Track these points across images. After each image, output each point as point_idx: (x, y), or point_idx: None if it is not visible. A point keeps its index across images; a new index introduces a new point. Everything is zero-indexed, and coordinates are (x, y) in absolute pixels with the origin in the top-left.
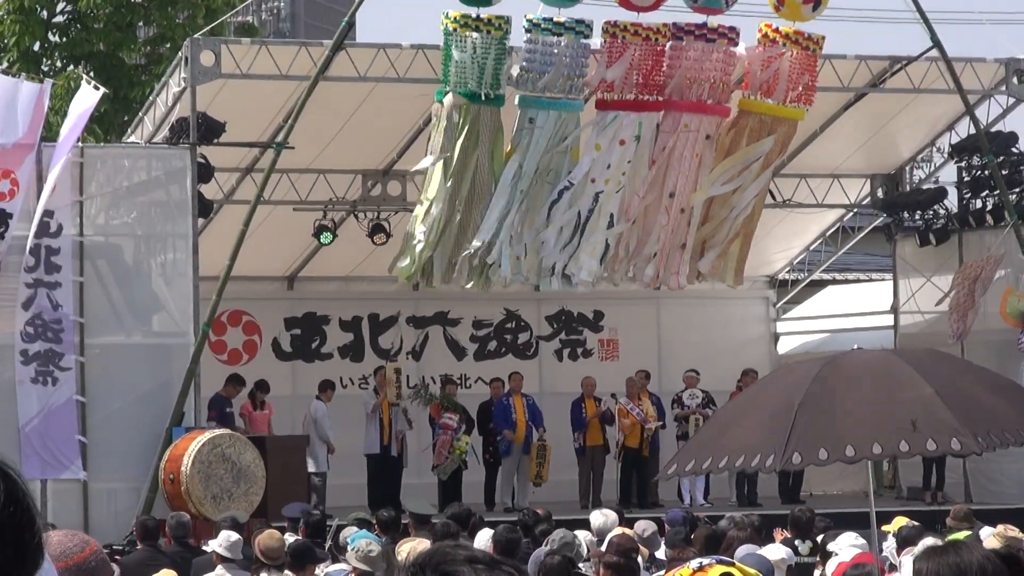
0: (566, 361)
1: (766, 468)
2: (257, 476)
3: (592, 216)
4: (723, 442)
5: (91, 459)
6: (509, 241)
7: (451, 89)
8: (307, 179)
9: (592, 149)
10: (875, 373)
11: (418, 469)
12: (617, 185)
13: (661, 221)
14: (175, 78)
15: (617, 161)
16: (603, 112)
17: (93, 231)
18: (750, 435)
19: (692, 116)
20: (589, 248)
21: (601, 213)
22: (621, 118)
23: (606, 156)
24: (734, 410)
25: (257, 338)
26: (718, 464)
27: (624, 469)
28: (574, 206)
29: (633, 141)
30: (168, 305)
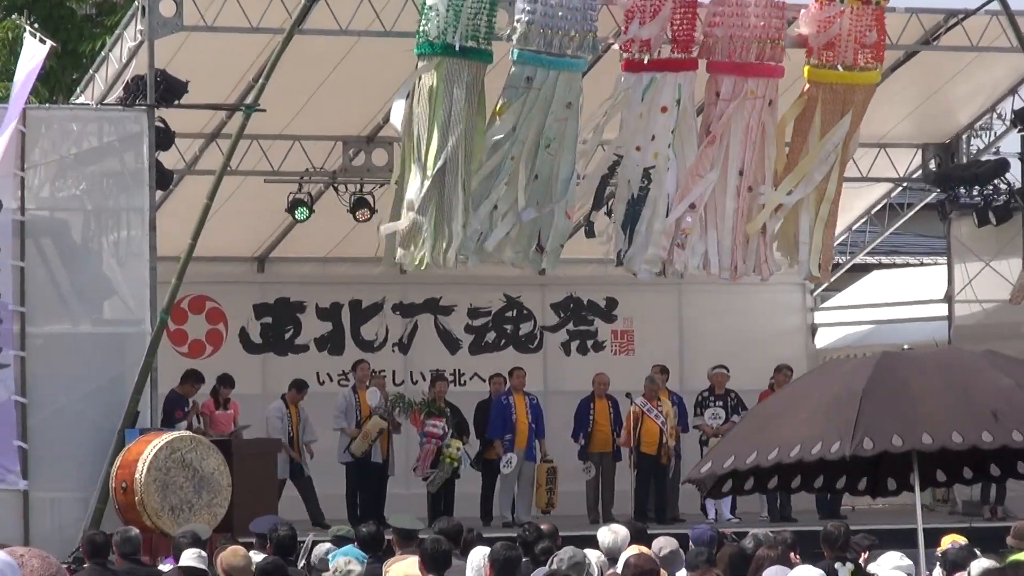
0: (574, 355)
1: (832, 454)
2: (222, 485)
3: (648, 197)
4: (769, 435)
5: (32, 466)
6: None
7: (428, 39)
8: (280, 146)
9: (635, 118)
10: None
11: (405, 478)
12: (666, 160)
13: (732, 205)
14: (130, 31)
15: (661, 131)
16: (635, 74)
17: (36, 205)
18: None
19: (757, 80)
20: (652, 236)
21: (659, 194)
22: (658, 81)
23: (649, 125)
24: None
25: (223, 327)
26: (766, 456)
27: (640, 479)
28: (627, 182)
29: (674, 106)
30: (121, 289)
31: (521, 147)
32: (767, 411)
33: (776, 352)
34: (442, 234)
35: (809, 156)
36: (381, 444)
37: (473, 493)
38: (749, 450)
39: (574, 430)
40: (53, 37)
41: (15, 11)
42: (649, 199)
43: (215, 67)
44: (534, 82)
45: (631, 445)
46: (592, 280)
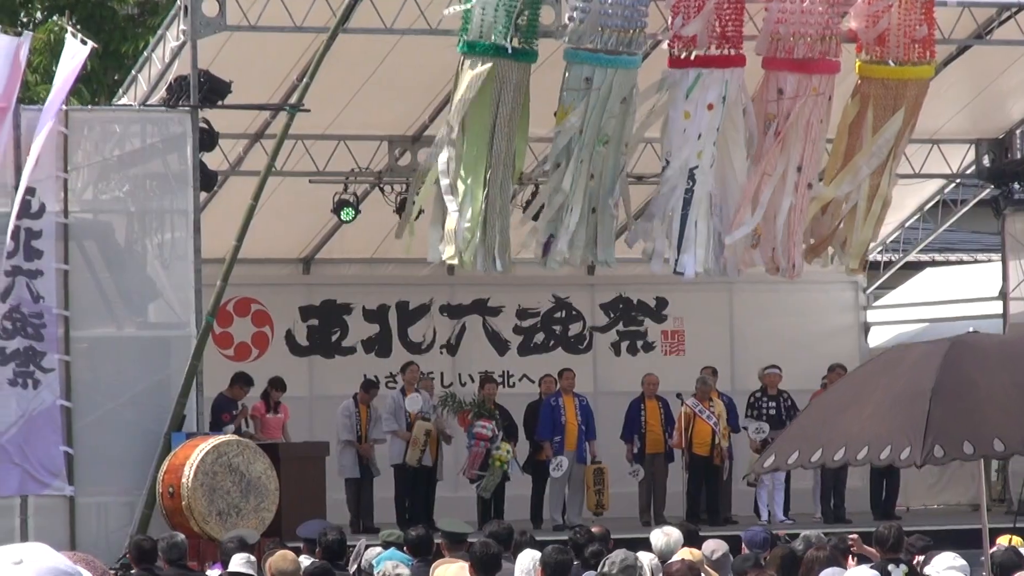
0: (624, 355)
1: (902, 462)
2: (269, 489)
3: (693, 198)
4: (834, 431)
5: (78, 471)
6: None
7: (475, 38)
8: (325, 146)
9: (681, 118)
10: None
11: (454, 481)
12: (710, 158)
13: (789, 202)
14: (173, 31)
15: (707, 129)
16: (680, 71)
17: (79, 208)
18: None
19: (820, 77)
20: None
21: (703, 194)
22: (704, 78)
23: (695, 124)
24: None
25: (268, 330)
26: (832, 456)
27: (692, 480)
28: (676, 187)
29: (720, 104)
30: (166, 292)
31: (588, 150)
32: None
33: (828, 351)
34: (490, 235)
35: (862, 152)
36: (430, 448)
37: (523, 495)
38: (814, 447)
39: (625, 431)
40: (95, 38)
41: (57, 12)
42: (694, 200)
43: (258, 67)
44: (593, 82)
45: (683, 446)
46: (642, 280)
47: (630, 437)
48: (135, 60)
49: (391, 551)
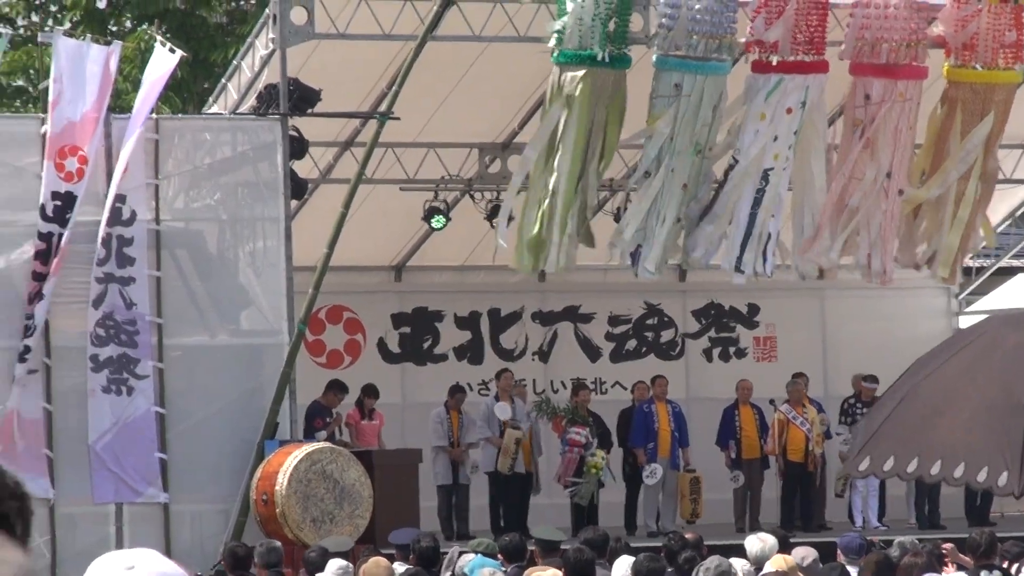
0: (716, 362)
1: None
2: (363, 496)
3: (764, 199)
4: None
5: (172, 478)
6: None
7: (570, 48)
8: (415, 154)
9: (756, 119)
10: None
11: (547, 487)
12: (785, 161)
13: (881, 206)
14: (262, 39)
15: (784, 132)
16: (762, 76)
17: (171, 216)
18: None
19: (907, 83)
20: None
21: (774, 196)
22: (785, 82)
23: (772, 127)
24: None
25: (360, 337)
26: (928, 469)
27: (786, 487)
28: (742, 186)
29: (799, 108)
30: (258, 300)
31: (681, 157)
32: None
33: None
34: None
35: (950, 157)
36: (524, 455)
37: (617, 502)
38: (910, 455)
39: (719, 437)
40: (185, 47)
41: (146, 21)
42: (765, 200)
43: (348, 74)
44: (683, 88)
45: (777, 453)
46: (734, 286)
47: (726, 443)
48: (225, 68)
49: (477, 559)
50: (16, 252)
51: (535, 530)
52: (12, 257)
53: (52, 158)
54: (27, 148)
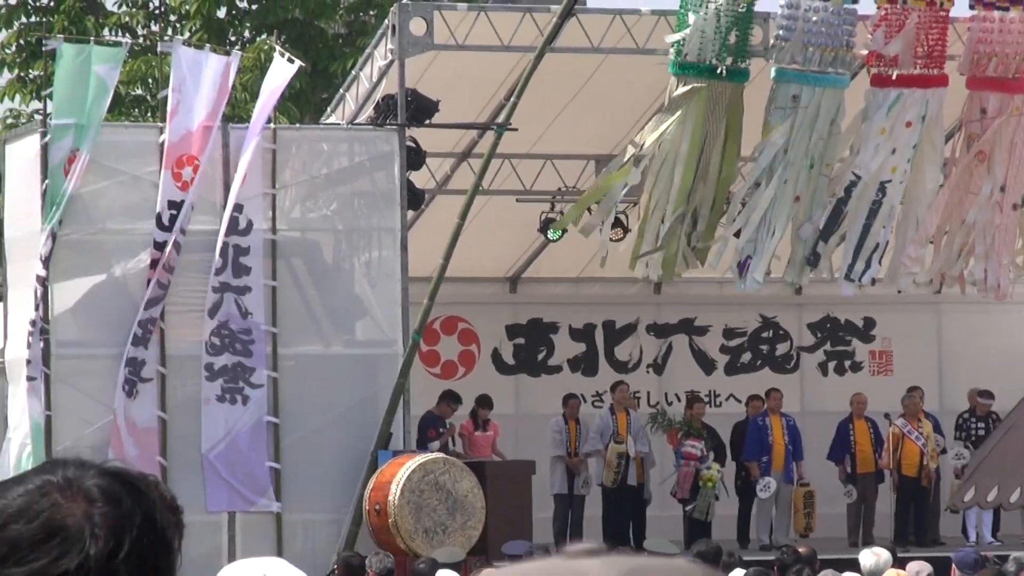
0: (831, 375)
1: None
2: (476, 507)
3: (880, 211)
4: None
5: (285, 488)
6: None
7: (688, 60)
8: (532, 165)
9: (876, 134)
10: None
11: (660, 500)
12: (902, 174)
13: (995, 220)
14: (381, 50)
15: (903, 146)
16: (881, 90)
17: (287, 226)
18: None
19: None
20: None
21: (890, 208)
22: (905, 96)
23: (891, 140)
24: None
25: (475, 348)
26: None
27: (900, 501)
28: (861, 200)
29: (919, 122)
30: (373, 310)
31: (795, 169)
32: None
33: None
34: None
35: None
36: (636, 469)
37: (730, 515)
38: (1013, 484)
39: (833, 452)
40: (303, 57)
41: (265, 31)
42: (880, 212)
43: (466, 85)
44: (801, 100)
45: (892, 467)
46: (850, 299)
47: (840, 457)
48: (343, 79)
49: None
50: (133, 261)
51: (648, 542)
52: (128, 266)
53: (169, 167)
54: (145, 157)
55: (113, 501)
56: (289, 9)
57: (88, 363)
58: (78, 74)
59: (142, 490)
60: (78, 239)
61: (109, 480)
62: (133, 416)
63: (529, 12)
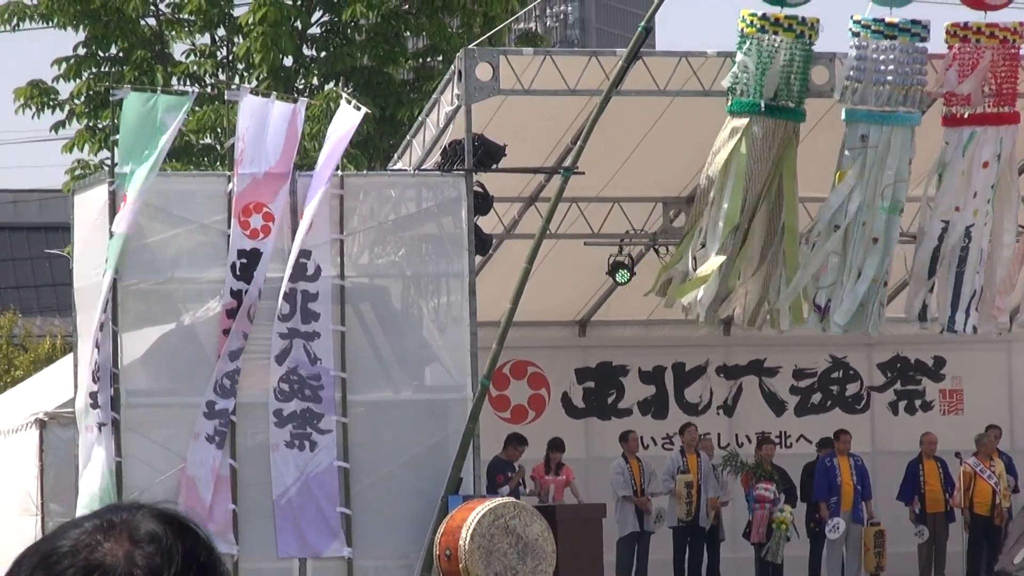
0: (902, 415)
1: None
2: (546, 551)
3: (969, 257)
4: None
5: (356, 533)
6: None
7: (738, 97)
8: (599, 208)
9: (957, 175)
10: None
11: (732, 541)
12: (985, 215)
13: None
14: (447, 95)
15: (982, 187)
16: (955, 130)
17: (355, 272)
18: None
19: None
20: (969, 293)
21: (979, 251)
22: (979, 135)
23: (971, 182)
24: None
25: (545, 392)
26: None
27: (972, 541)
28: (950, 246)
29: (995, 162)
30: (442, 355)
31: (869, 211)
32: None
33: None
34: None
35: None
36: (707, 509)
37: (801, 556)
38: None
39: (903, 492)
40: (371, 104)
41: (333, 79)
42: (970, 258)
43: (532, 130)
44: (869, 140)
45: (964, 506)
46: (919, 339)
47: (909, 497)
48: (411, 125)
49: None
50: (202, 309)
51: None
52: (197, 314)
53: (237, 215)
54: (213, 206)
55: (155, 541)
56: (356, 56)
57: (158, 412)
58: (144, 122)
59: (188, 530)
60: (146, 288)
61: (156, 521)
62: (216, 464)
63: (595, 55)
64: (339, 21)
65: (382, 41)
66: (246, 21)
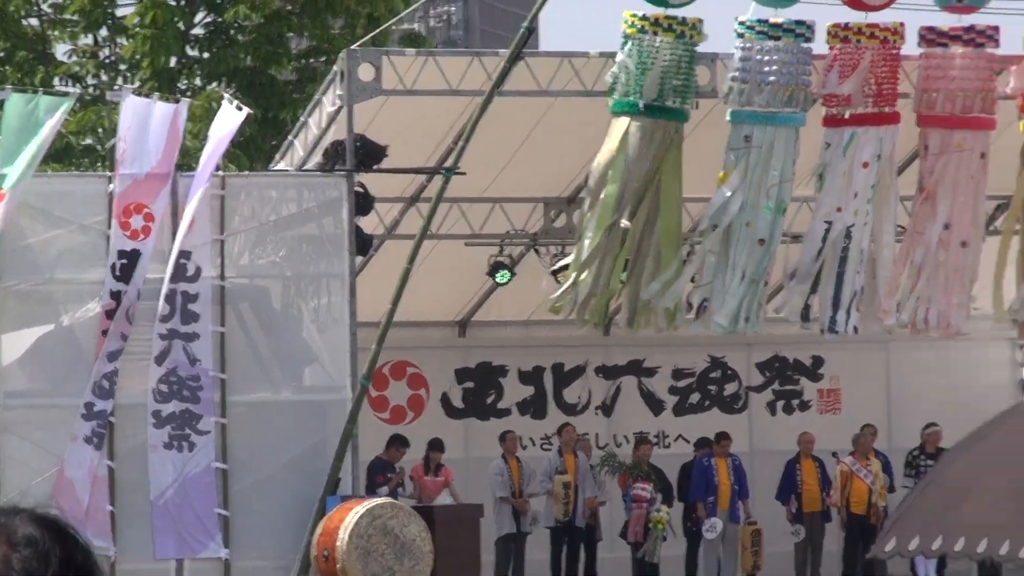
0: (780, 415)
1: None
2: (424, 552)
3: (849, 257)
4: (955, 517)
5: (233, 534)
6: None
7: (618, 98)
8: (480, 209)
9: (838, 176)
10: None
11: (609, 541)
12: (865, 215)
13: (939, 258)
14: (329, 96)
15: (862, 187)
16: (836, 130)
17: (235, 273)
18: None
19: (965, 133)
20: (850, 294)
21: (859, 252)
22: (859, 136)
23: (852, 183)
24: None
25: (424, 393)
26: (952, 547)
27: (848, 540)
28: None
29: (875, 162)
30: (321, 356)
31: (753, 211)
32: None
33: (984, 408)
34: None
35: None
36: (584, 510)
37: (677, 556)
38: (935, 533)
39: (780, 491)
40: (254, 104)
41: (216, 79)
42: (850, 258)
43: (414, 130)
44: (753, 140)
45: (841, 505)
46: (798, 339)
47: (787, 497)
48: (293, 126)
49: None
50: (81, 310)
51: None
52: (77, 315)
53: (118, 216)
54: (93, 206)
55: (32, 544)
56: (240, 57)
57: (36, 413)
58: (25, 123)
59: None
60: (26, 289)
61: (34, 525)
62: (93, 466)
63: (477, 56)
64: (223, 22)
65: (265, 42)
66: (131, 22)
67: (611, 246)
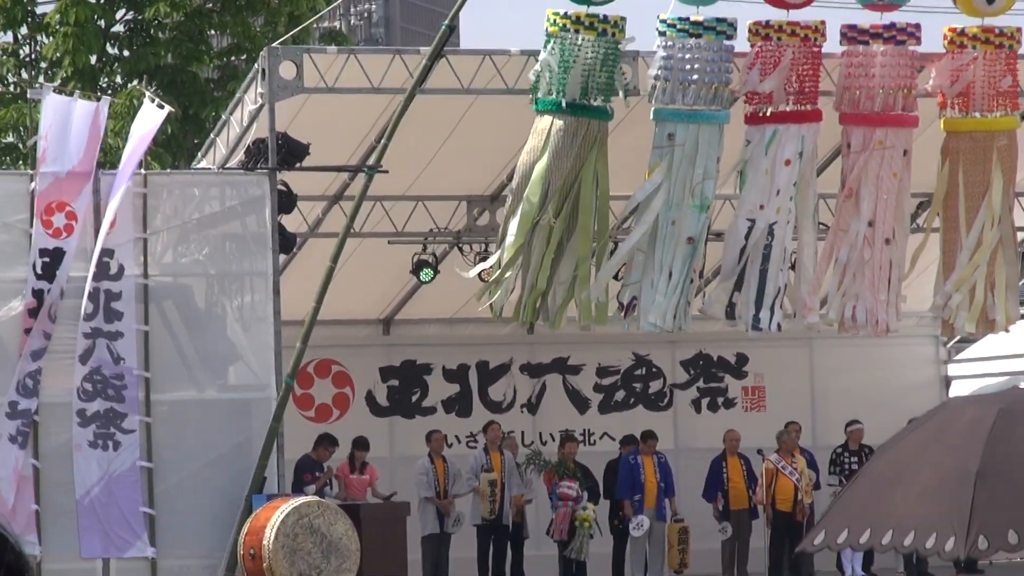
0: (705, 412)
1: (946, 553)
2: (351, 550)
3: (772, 255)
4: (883, 510)
5: (159, 533)
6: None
7: (541, 96)
8: (404, 207)
9: (761, 173)
10: None
11: (536, 539)
12: (788, 213)
13: (864, 256)
14: (251, 94)
15: (784, 185)
16: (757, 128)
17: (159, 271)
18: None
19: (886, 130)
20: (774, 291)
21: (782, 250)
22: (781, 133)
23: (773, 180)
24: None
25: (349, 391)
26: (880, 540)
27: (775, 537)
28: (757, 245)
29: (797, 159)
30: (246, 354)
31: (678, 209)
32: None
33: (909, 405)
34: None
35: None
36: (511, 508)
37: (604, 554)
38: (862, 526)
39: (707, 489)
40: (176, 102)
41: (137, 77)
42: (772, 256)
43: (336, 128)
44: (676, 138)
45: (767, 502)
46: (722, 336)
47: (713, 495)
48: (215, 124)
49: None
50: (3, 308)
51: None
52: (0, 314)
53: (40, 214)
54: (16, 205)
55: None
56: (161, 55)
57: None
58: None
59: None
60: None
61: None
62: (19, 465)
63: (399, 54)
64: (143, 19)
65: (186, 40)
66: (52, 20)
67: (537, 244)
